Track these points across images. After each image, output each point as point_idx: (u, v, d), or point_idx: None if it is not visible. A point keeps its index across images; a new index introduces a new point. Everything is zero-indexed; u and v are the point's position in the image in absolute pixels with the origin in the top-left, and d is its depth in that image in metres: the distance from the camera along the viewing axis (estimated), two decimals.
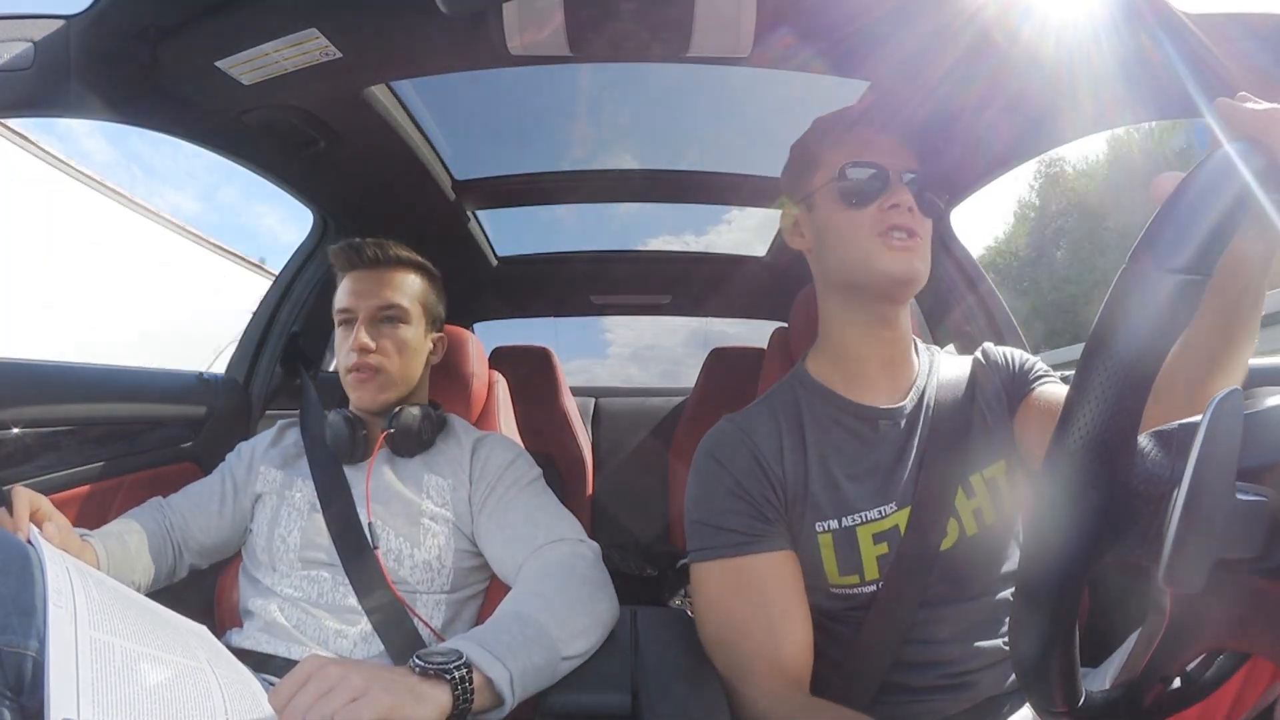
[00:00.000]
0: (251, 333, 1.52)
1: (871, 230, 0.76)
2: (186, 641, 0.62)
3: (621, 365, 2.98)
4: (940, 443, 0.77)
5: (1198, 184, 0.35)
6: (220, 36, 0.90)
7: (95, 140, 38.02)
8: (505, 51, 0.96)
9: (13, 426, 0.96)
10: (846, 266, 0.79)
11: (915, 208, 0.76)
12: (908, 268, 0.75)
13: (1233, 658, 0.42)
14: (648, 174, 1.61)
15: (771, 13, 0.89)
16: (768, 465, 0.76)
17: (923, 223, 0.77)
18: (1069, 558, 0.34)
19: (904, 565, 0.72)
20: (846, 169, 0.77)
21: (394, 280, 1.00)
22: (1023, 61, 0.91)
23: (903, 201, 0.75)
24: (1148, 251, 0.34)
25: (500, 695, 0.62)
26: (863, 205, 0.77)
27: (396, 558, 0.91)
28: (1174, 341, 0.33)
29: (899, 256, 0.75)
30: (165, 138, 1.11)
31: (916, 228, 0.76)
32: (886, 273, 0.75)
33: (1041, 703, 0.38)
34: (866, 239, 0.76)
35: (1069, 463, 0.33)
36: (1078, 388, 0.34)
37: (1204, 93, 0.43)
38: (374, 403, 0.98)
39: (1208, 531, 0.31)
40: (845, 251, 0.78)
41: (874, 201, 0.76)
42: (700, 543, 0.76)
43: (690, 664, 0.74)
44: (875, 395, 0.80)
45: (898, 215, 0.75)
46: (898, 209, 0.75)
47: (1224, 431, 0.31)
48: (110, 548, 0.88)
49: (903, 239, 0.75)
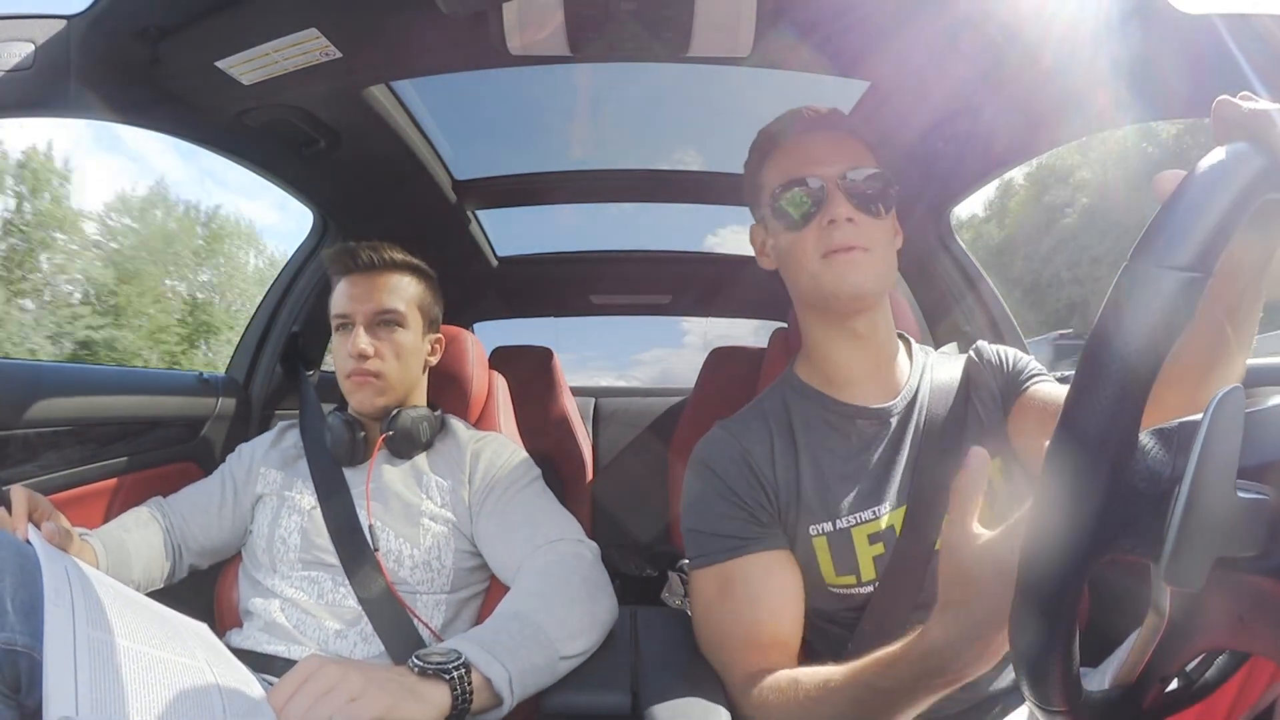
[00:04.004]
0: (251, 333, 1.52)
1: (814, 252, 0.74)
2: (185, 640, 0.62)
3: (696, 355, 2.98)
4: (934, 442, 0.77)
5: (1199, 182, 0.35)
6: (220, 36, 0.90)
7: (168, 158, 38.51)
8: (505, 51, 0.96)
9: (13, 426, 0.96)
10: (801, 288, 0.79)
11: (856, 216, 0.74)
12: (854, 285, 0.73)
13: (1233, 658, 0.42)
14: (648, 174, 1.61)
15: (771, 13, 0.89)
16: (760, 470, 0.76)
17: (870, 228, 0.75)
18: (1070, 556, 0.34)
19: (899, 565, 0.72)
20: (777, 191, 0.76)
21: (390, 284, 1.00)
22: (1023, 61, 0.91)
23: (840, 215, 0.73)
24: (1149, 249, 0.34)
25: (499, 695, 0.62)
26: (802, 226, 0.75)
27: (396, 558, 0.91)
28: (1175, 339, 0.33)
29: (844, 275, 0.73)
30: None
31: (859, 240, 0.73)
32: (833, 292, 0.74)
33: (1041, 702, 0.38)
34: (812, 260, 0.75)
35: (1070, 460, 0.33)
36: (1078, 385, 0.34)
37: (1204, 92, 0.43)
38: (372, 407, 0.98)
39: (1209, 529, 0.31)
40: (798, 273, 0.78)
41: (812, 220, 0.75)
42: (697, 550, 0.76)
43: (690, 664, 0.74)
44: (865, 396, 0.80)
45: (836, 232, 0.73)
46: (835, 224, 0.73)
47: (1225, 429, 0.31)
48: (109, 547, 0.88)
49: (846, 257, 0.73)
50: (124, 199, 21.70)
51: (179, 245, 22.33)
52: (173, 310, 21.75)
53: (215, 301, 23.46)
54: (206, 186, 45.75)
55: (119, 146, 46.84)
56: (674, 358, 1.48)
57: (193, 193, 52.15)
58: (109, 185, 23.19)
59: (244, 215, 34.17)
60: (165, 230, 22.18)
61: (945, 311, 1.51)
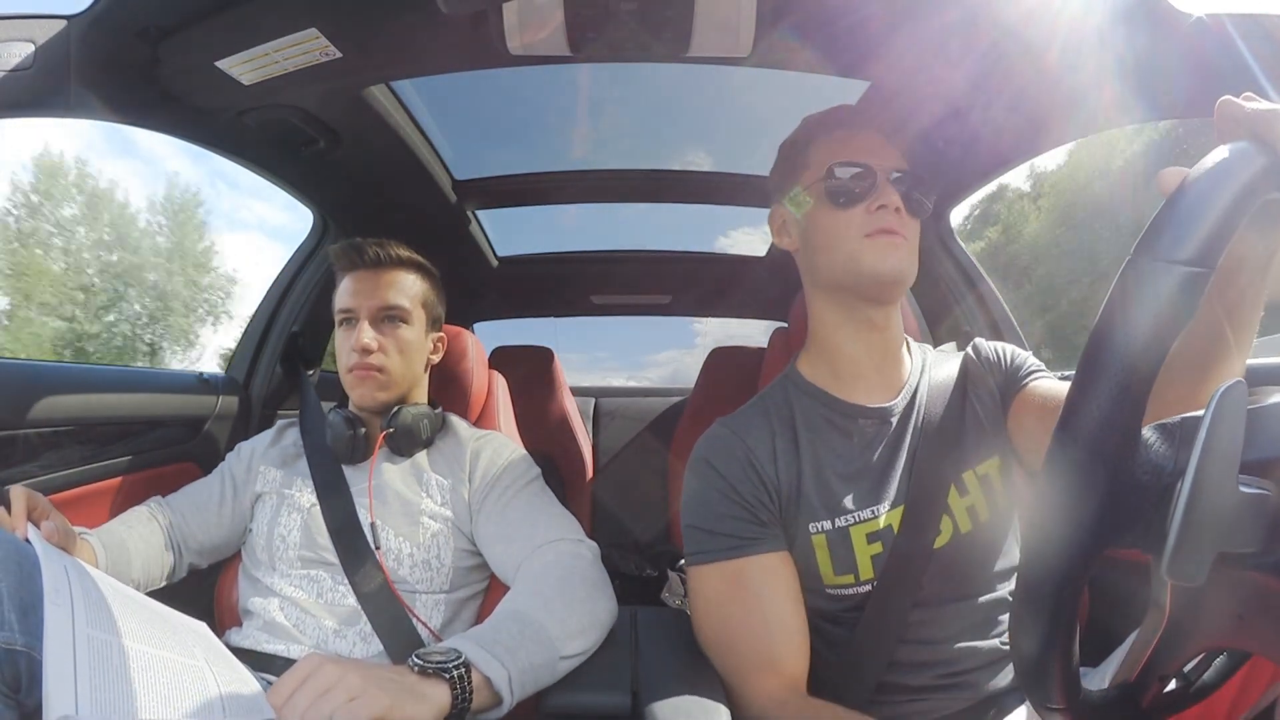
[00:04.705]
0: (251, 333, 1.53)
1: (859, 231, 0.75)
2: (185, 639, 0.62)
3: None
4: (933, 440, 0.77)
5: (1202, 178, 0.35)
6: (220, 36, 0.90)
7: (180, 160, 38.52)
8: (505, 51, 0.96)
9: (13, 426, 0.96)
10: (834, 267, 0.78)
11: (902, 208, 0.76)
12: (895, 266, 0.74)
13: (1233, 657, 0.42)
14: (648, 174, 1.61)
15: (771, 13, 0.89)
16: (761, 468, 0.76)
17: (910, 223, 0.76)
18: (1072, 551, 0.34)
19: (897, 564, 0.72)
20: (834, 168, 0.77)
21: (395, 280, 1.00)
22: (1023, 61, 0.91)
23: (890, 202, 0.75)
24: (1152, 244, 0.34)
25: (499, 694, 0.62)
26: (850, 205, 0.76)
27: (396, 557, 0.91)
28: (1177, 334, 0.33)
29: (886, 255, 0.74)
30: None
31: (903, 229, 0.75)
32: (873, 272, 0.75)
33: (1041, 701, 0.38)
34: (853, 239, 0.75)
35: (1072, 456, 0.33)
36: (1081, 380, 0.34)
37: (1206, 93, 0.43)
38: (373, 401, 0.98)
39: (1211, 524, 0.31)
40: (832, 252, 0.78)
41: (861, 202, 0.76)
42: (696, 547, 0.76)
43: (690, 664, 0.74)
44: (867, 394, 0.80)
45: (885, 216, 0.75)
46: (885, 210, 0.75)
47: (1228, 424, 0.31)
48: (109, 546, 0.88)
49: (890, 239, 0.75)
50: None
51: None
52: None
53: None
54: (218, 188, 45.71)
55: (133, 150, 46.94)
56: (687, 358, 1.48)
57: (206, 194, 52.02)
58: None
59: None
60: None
61: (945, 312, 1.52)
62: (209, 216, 21.40)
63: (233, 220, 56.41)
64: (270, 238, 56.98)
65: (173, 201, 21.91)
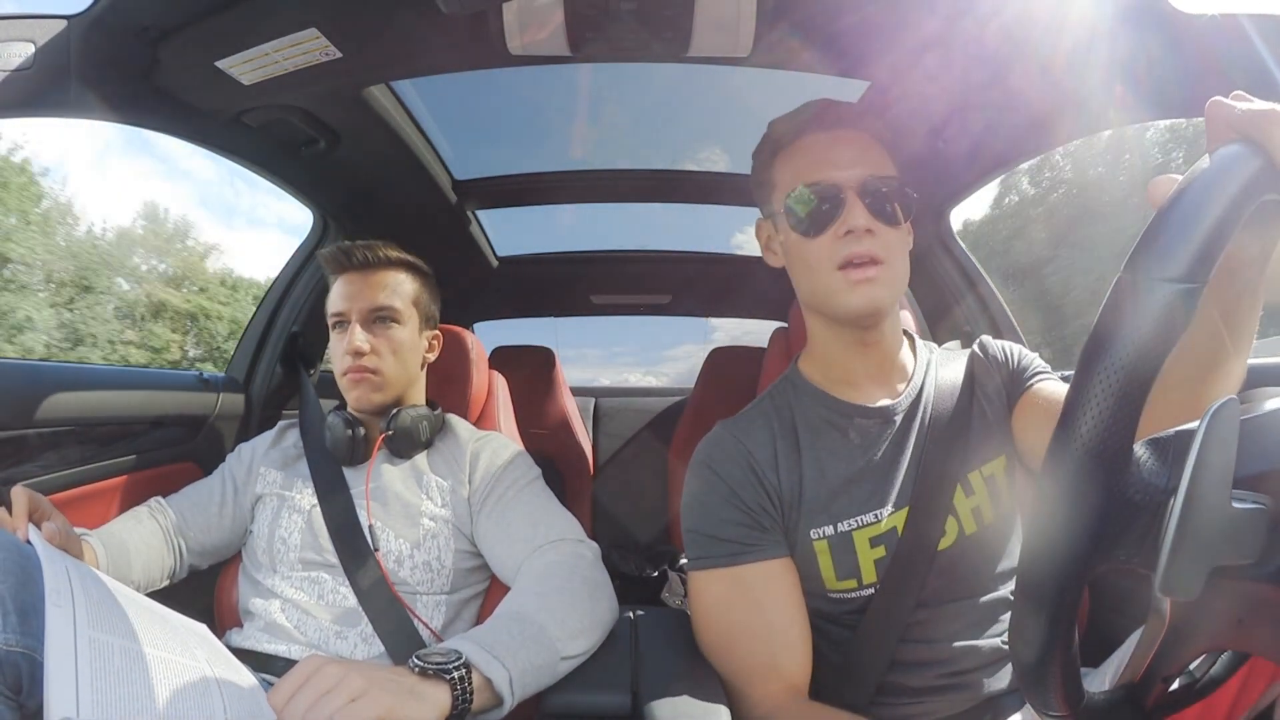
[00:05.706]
0: (251, 333, 1.53)
1: (829, 263, 0.72)
2: (186, 641, 0.62)
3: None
4: (939, 440, 0.76)
5: (1192, 190, 0.35)
6: (220, 36, 0.90)
7: (196, 159, 38.18)
8: (505, 51, 0.96)
9: (13, 427, 0.96)
10: (813, 294, 0.76)
11: (875, 224, 0.71)
12: (868, 302, 0.71)
13: (1233, 658, 0.42)
14: (648, 174, 1.61)
15: (771, 13, 0.89)
16: (763, 473, 0.76)
17: (887, 235, 0.72)
18: (1067, 563, 0.34)
19: (901, 567, 0.72)
20: (792, 197, 0.73)
21: (385, 281, 1.00)
22: (1022, 61, 0.91)
23: (858, 225, 0.70)
24: (1143, 260, 0.34)
25: (500, 695, 0.62)
26: (817, 234, 0.72)
27: (396, 559, 0.91)
28: (1170, 349, 0.32)
29: (859, 290, 0.71)
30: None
31: (877, 251, 0.70)
32: (846, 308, 0.72)
33: (1042, 704, 0.38)
34: (825, 272, 0.72)
35: (1066, 470, 0.33)
36: (1074, 396, 0.34)
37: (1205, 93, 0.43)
38: (370, 404, 0.98)
39: (1204, 541, 0.31)
40: (809, 281, 0.75)
41: (829, 227, 0.71)
42: (697, 552, 0.76)
43: (690, 664, 0.74)
44: (869, 396, 0.79)
45: (854, 243, 0.70)
46: (853, 235, 0.70)
47: (1220, 441, 0.31)
48: (110, 547, 0.88)
49: (861, 273, 0.70)
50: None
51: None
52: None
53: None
54: (236, 187, 45.39)
55: (151, 149, 46.43)
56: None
57: (225, 193, 51.68)
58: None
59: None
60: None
61: (945, 311, 1.52)
62: (229, 216, 20.03)
63: (251, 218, 56.29)
64: (289, 234, 56.97)
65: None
